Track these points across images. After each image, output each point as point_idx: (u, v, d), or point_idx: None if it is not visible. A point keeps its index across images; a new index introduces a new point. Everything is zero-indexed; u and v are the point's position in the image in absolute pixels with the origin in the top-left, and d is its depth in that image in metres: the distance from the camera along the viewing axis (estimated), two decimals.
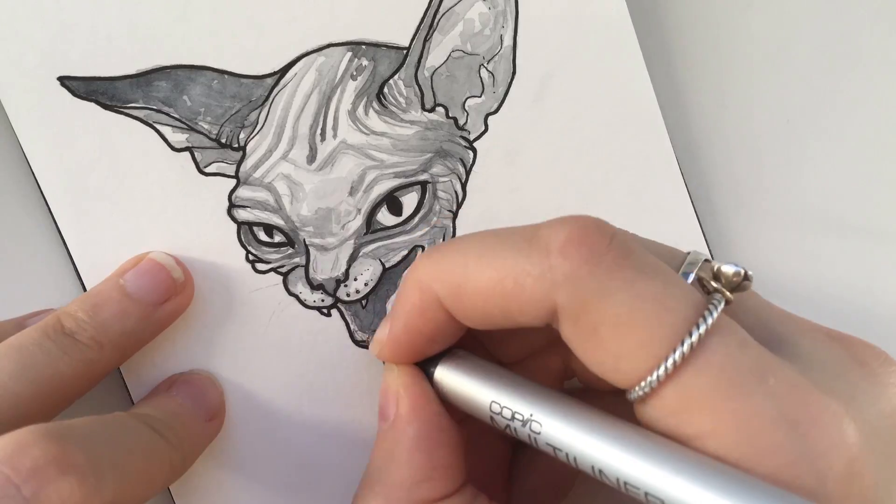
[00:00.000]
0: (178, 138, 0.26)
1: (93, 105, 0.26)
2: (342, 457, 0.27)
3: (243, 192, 0.27)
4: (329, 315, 0.27)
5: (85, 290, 0.26)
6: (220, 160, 0.27)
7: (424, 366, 0.23)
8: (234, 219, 0.27)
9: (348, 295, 0.27)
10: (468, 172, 0.28)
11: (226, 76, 0.26)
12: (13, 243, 0.27)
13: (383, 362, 0.24)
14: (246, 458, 0.27)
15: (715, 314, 0.18)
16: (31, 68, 0.25)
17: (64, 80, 0.25)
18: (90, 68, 0.26)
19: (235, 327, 0.27)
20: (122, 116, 0.26)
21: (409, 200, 0.27)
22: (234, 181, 0.27)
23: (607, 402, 0.21)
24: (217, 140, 0.26)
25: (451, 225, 0.28)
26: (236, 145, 0.27)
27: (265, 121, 0.27)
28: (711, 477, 0.18)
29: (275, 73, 0.26)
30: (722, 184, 0.31)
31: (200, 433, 0.25)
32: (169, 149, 0.26)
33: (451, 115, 0.28)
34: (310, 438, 0.27)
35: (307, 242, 0.27)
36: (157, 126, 0.26)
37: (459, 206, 0.28)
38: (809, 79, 0.31)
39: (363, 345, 0.28)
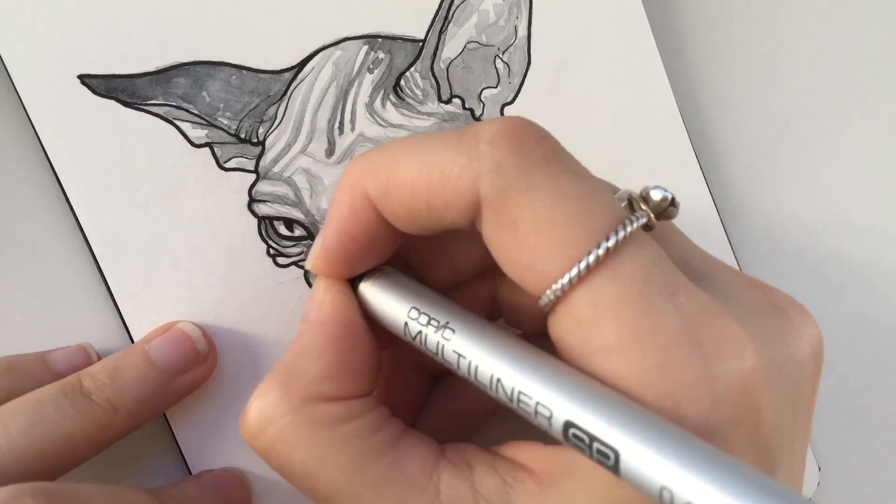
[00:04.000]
0: (198, 134, 0.26)
1: (113, 103, 0.26)
2: None
3: (263, 187, 0.27)
4: None
5: (107, 285, 0.26)
6: (239, 155, 0.27)
7: (353, 283, 0.23)
8: (254, 213, 0.27)
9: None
10: None
11: (244, 71, 0.26)
12: (34, 239, 0.27)
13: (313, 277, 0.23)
14: None
15: (636, 224, 0.18)
16: (51, 67, 0.25)
17: (84, 79, 0.26)
18: (110, 66, 0.26)
19: (258, 321, 0.27)
20: (142, 113, 0.26)
21: None
22: (253, 176, 0.27)
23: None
24: (236, 135, 0.27)
25: None
26: (255, 140, 0.27)
27: (284, 115, 0.27)
28: (602, 401, 0.18)
29: (292, 67, 0.27)
30: (722, 182, 0.31)
31: None
32: (189, 145, 0.26)
33: (467, 106, 0.28)
34: None
35: None
36: (177, 122, 0.26)
37: None
38: (809, 79, 0.31)
39: None
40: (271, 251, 0.27)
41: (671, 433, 0.17)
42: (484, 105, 0.28)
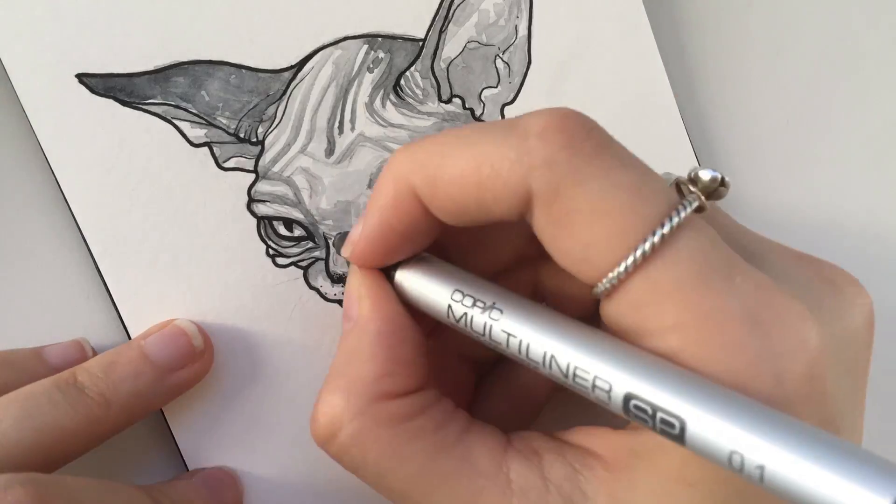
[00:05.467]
0: (197, 133, 0.26)
1: (111, 102, 0.26)
2: None
3: (262, 187, 0.27)
4: None
5: (107, 288, 0.26)
6: (238, 155, 0.27)
7: (388, 272, 0.23)
8: (253, 213, 0.27)
9: None
10: None
11: (243, 71, 0.26)
12: (32, 240, 0.27)
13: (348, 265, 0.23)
14: (269, 452, 0.27)
15: (689, 209, 0.18)
16: (49, 66, 0.25)
17: (82, 78, 0.25)
18: (108, 65, 0.26)
19: (257, 322, 0.27)
20: (140, 113, 0.26)
21: None
22: (253, 176, 0.27)
23: None
24: (235, 135, 0.26)
25: None
26: (255, 140, 0.27)
27: (283, 115, 0.27)
28: (663, 372, 0.18)
29: (292, 66, 0.26)
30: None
31: None
32: (188, 144, 0.26)
33: (467, 105, 0.28)
34: None
35: (327, 236, 0.27)
36: (176, 122, 0.26)
37: None
38: (809, 79, 0.31)
39: None
40: (270, 251, 0.27)
41: (735, 399, 0.17)
42: (484, 105, 0.28)
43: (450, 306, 0.21)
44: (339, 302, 0.27)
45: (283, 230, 0.27)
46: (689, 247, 0.18)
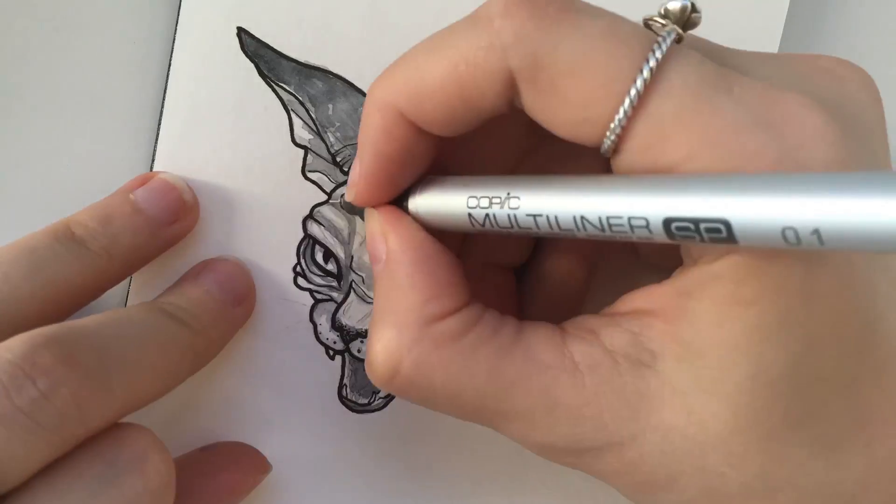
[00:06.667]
0: (304, 135, 0.27)
1: (251, 66, 0.26)
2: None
3: (326, 212, 0.27)
4: (332, 359, 0.27)
5: None
6: (325, 173, 0.27)
7: (400, 205, 0.23)
8: (304, 228, 0.27)
9: (359, 351, 0.27)
10: None
11: None
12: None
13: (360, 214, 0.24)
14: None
15: (669, 40, 0.18)
16: (222, 4, 0.26)
17: (241, 32, 0.26)
18: (269, 36, 0.26)
19: (254, 324, 0.27)
20: (268, 90, 0.27)
21: None
22: (324, 197, 0.27)
23: None
24: (333, 156, 0.27)
25: None
26: (346, 170, 0.27)
27: None
28: (685, 184, 0.17)
29: None
30: None
31: (228, 318, 0.25)
32: (290, 139, 0.27)
33: None
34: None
35: (353, 285, 0.27)
36: (293, 115, 0.27)
37: None
38: None
39: (346, 403, 0.27)
40: (298, 268, 0.27)
41: (763, 179, 0.16)
42: None
43: (469, 214, 0.21)
44: (327, 348, 0.27)
45: (319, 257, 0.27)
46: (678, 74, 0.18)
